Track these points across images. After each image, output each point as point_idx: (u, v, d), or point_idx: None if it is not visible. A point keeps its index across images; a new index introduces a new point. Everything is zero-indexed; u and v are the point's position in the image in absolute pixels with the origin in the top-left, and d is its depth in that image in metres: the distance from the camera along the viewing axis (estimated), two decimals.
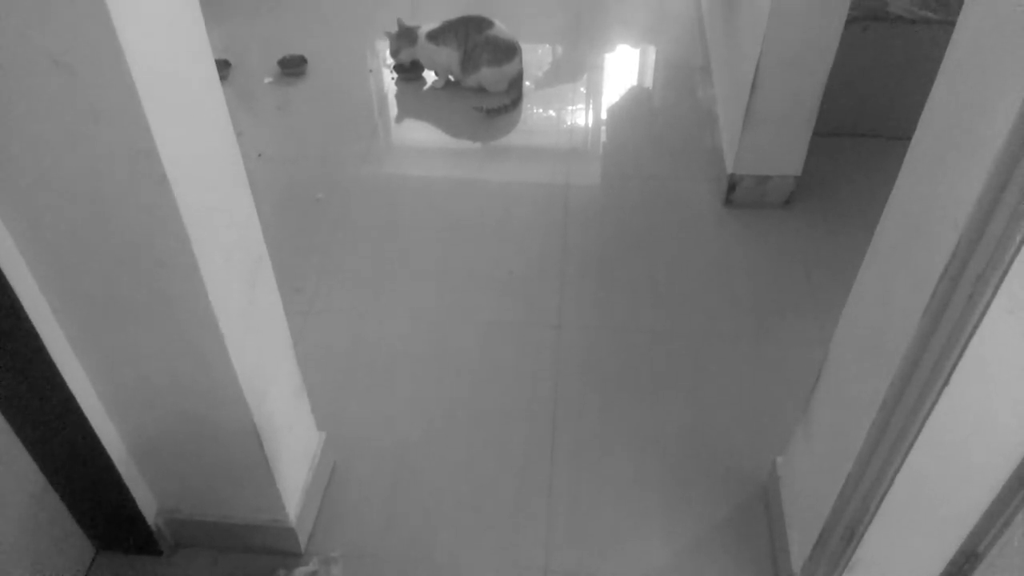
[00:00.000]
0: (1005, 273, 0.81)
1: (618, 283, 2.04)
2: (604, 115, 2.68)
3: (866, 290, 1.13)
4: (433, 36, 2.67)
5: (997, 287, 0.81)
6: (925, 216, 0.94)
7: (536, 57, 2.92)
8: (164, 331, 1.10)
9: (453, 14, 2.69)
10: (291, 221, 2.22)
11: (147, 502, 1.42)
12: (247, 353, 1.17)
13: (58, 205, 0.96)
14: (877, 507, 1.09)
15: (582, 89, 2.80)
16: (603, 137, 2.58)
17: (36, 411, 1.22)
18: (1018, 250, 0.80)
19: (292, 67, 2.76)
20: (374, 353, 1.87)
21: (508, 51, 2.65)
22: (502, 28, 2.66)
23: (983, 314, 0.84)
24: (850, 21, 2.09)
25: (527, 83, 2.76)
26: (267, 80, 2.76)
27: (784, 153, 2.11)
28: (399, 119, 2.68)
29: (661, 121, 2.64)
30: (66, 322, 1.12)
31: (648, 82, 2.89)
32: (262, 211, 1.18)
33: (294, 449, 1.45)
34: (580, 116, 2.66)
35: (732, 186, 2.18)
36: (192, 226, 0.96)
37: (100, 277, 1.04)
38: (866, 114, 2.40)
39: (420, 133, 2.62)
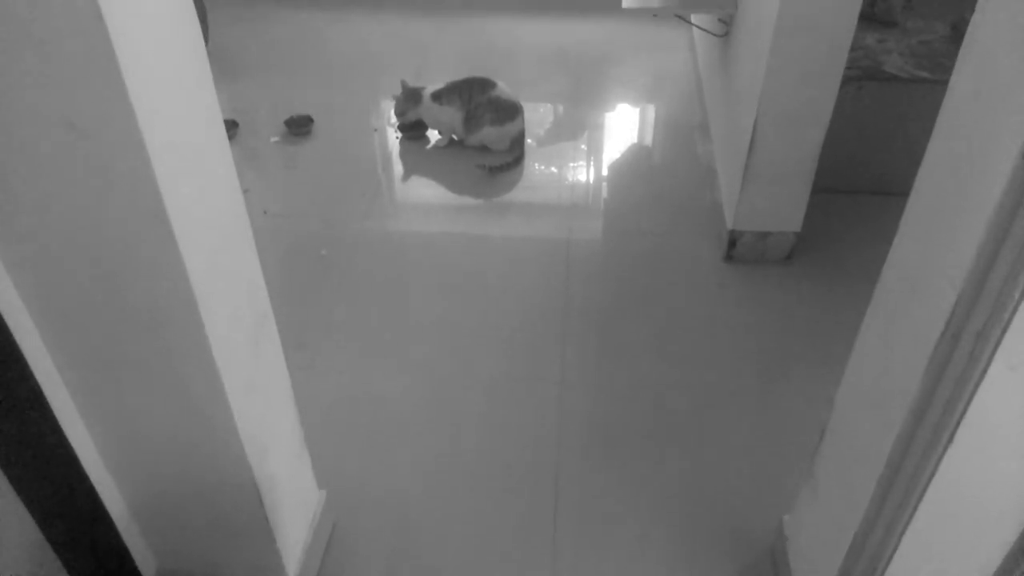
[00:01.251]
0: (1005, 331, 0.81)
1: (621, 339, 2.04)
2: (605, 172, 2.72)
3: (868, 348, 1.13)
4: (437, 96, 2.73)
5: (997, 344, 0.82)
6: (923, 274, 0.95)
7: (538, 116, 2.97)
8: (167, 388, 1.10)
9: (457, 76, 2.76)
10: (295, 277, 2.24)
11: (146, 560, 1.40)
12: (249, 411, 1.17)
13: (66, 263, 0.98)
14: (885, 566, 1.08)
15: (583, 146, 2.84)
16: (604, 193, 2.61)
17: (36, 466, 1.21)
18: (1016, 308, 0.81)
19: (299, 127, 2.82)
20: (376, 409, 1.87)
21: (510, 111, 2.70)
22: (505, 89, 2.72)
23: (984, 371, 0.84)
24: (846, 81, 2.14)
25: (529, 141, 2.81)
26: (274, 139, 2.81)
27: (783, 210, 2.13)
28: (403, 177, 2.72)
29: (661, 178, 2.67)
30: (70, 378, 1.13)
31: (648, 140, 2.94)
32: (267, 267, 1.20)
33: (295, 508, 1.44)
34: (581, 173, 2.70)
35: (732, 242, 2.20)
36: (198, 285, 0.97)
37: (105, 334, 1.05)
38: (864, 171, 2.43)
39: (423, 190, 2.66)
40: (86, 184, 0.89)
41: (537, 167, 2.73)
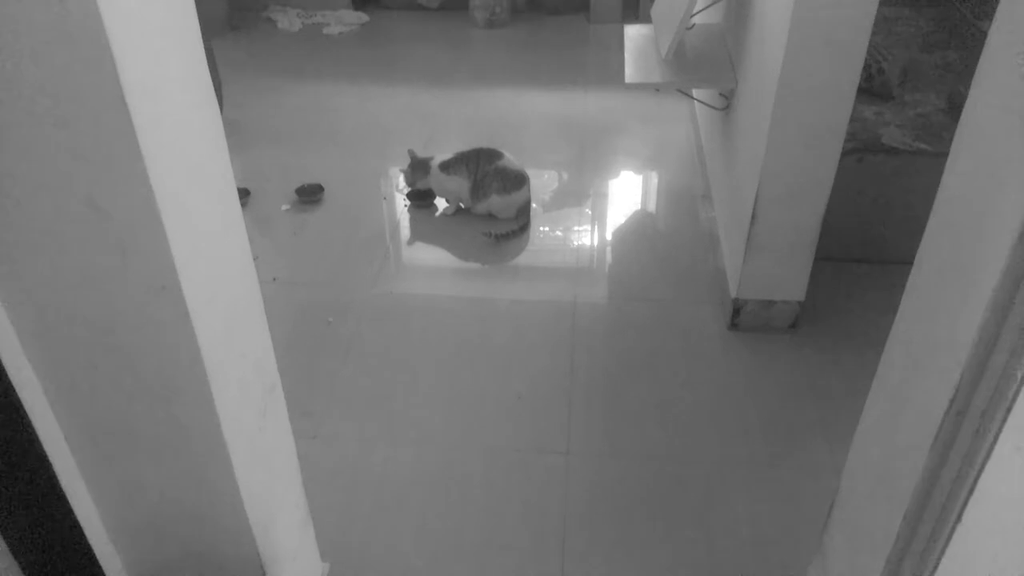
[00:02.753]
0: (1010, 409, 0.82)
1: (627, 407, 2.04)
2: (609, 237, 2.75)
3: (873, 422, 1.13)
4: (445, 167, 2.79)
5: (1003, 422, 0.82)
6: (927, 350, 0.96)
7: (543, 182, 3.03)
8: (174, 459, 1.11)
9: (464, 146, 2.82)
10: (302, 344, 2.25)
11: None
12: (255, 482, 1.17)
13: (78, 334, 0.99)
14: None
15: (587, 211, 2.89)
16: (609, 258, 2.64)
17: (37, 532, 1.20)
18: (1021, 386, 0.81)
19: (309, 195, 2.87)
20: (380, 479, 1.86)
21: (517, 180, 2.75)
22: (511, 159, 2.78)
23: (991, 450, 0.84)
24: (846, 153, 2.18)
25: (534, 206, 2.86)
26: (284, 207, 2.86)
27: (787, 278, 2.15)
28: (411, 244, 2.76)
29: (665, 244, 2.70)
30: (77, 447, 1.13)
31: (651, 207, 2.99)
32: (274, 334, 1.21)
33: None
34: (586, 238, 2.73)
35: (737, 310, 2.22)
36: (209, 358, 0.99)
37: (114, 404, 1.06)
38: (867, 240, 2.46)
39: (431, 257, 2.69)
40: (103, 259, 0.91)
41: (543, 232, 2.76)
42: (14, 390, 1.01)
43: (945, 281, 0.93)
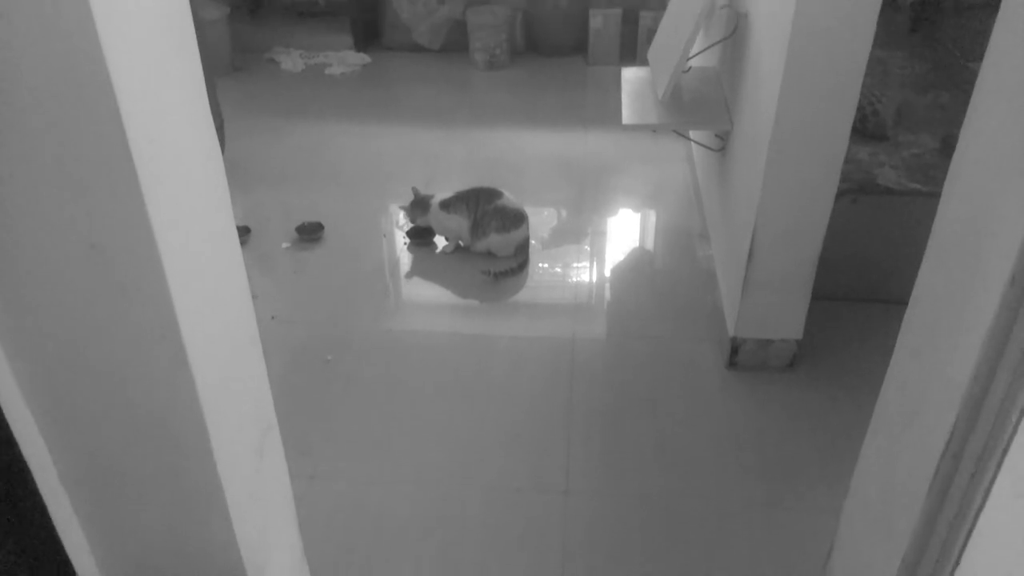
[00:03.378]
0: (1006, 451, 0.82)
1: (625, 446, 2.03)
2: (607, 275, 2.76)
3: (871, 463, 1.13)
4: (445, 205, 2.81)
5: (999, 465, 0.82)
6: (922, 391, 0.96)
7: (542, 220, 3.05)
8: (169, 500, 1.10)
9: (464, 185, 2.85)
10: (300, 383, 2.25)
11: None
12: (250, 524, 1.16)
13: (76, 377, 0.99)
14: None
15: (586, 247, 2.91)
16: (607, 295, 2.65)
17: (31, 574, 1.19)
18: (1016, 429, 0.81)
19: (309, 233, 2.89)
20: (377, 519, 1.84)
21: (516, 219, 2.78)
22: (510, 198, 2.80)
23: (988, 493, 0.84)
24: (841, 193, 2.20)
25: (533, 242, 2.87)
26: (284, 245, 2.88)
27: (784, 317, 2.16)
28: (410, 282, 2.77)
29: (663, 282, 2.72)
30: (72, 487, 1.12)
31: (649, 245, 3.00)
32: (272, 373, 1.21)
33: None
34: (584, 276, 2.75)
35: (735, 349, 2.22)
36: (206, 400, 0.99)
37: (111, 446, 1.06)
38: (863, 279, 2.47)
39: (430, 295, 2.70)
40: (102, 301, 0.92)
41: (541, 269, 2.78)
42: (10, 429, 1.02)
43: (939, 322, 0.93)
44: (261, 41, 4.50)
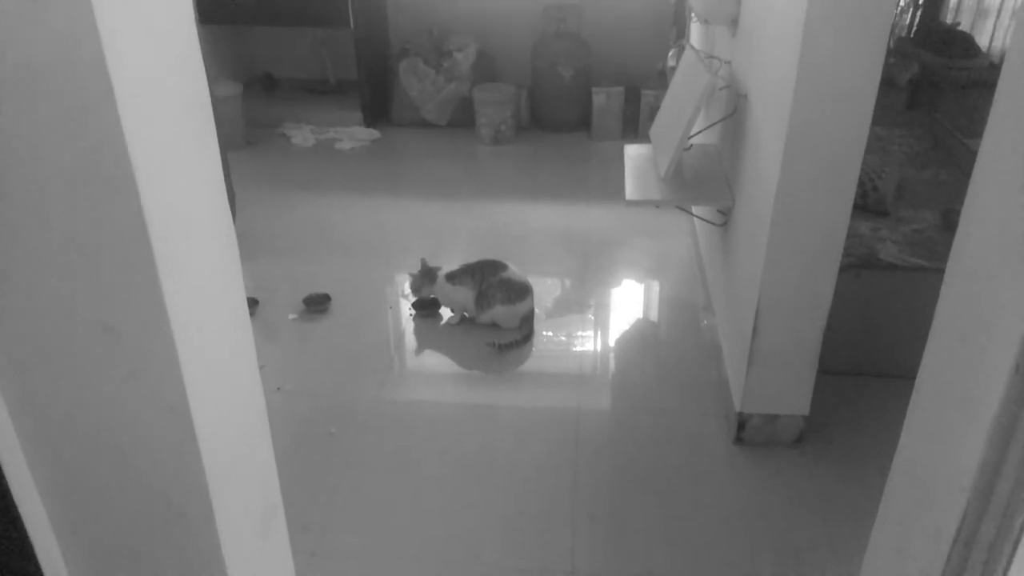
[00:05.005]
0: (1018, 541, 0.81)
1: (632, 524, 1.99)
2: (612, 346, 2.76)
3: (881, 549, 1.11)
4: (451, 277, 2.84)
5: (1012, 556, 0.81)
6: (931, 477, 0.95)
7: (547, 290, 3.07)
8: None
9: (470, 257, 2.89)
10: (303, 456, 2.23)
11: None
12: None
13: (83, 453, 0.99)
14: None
15: (590, 316, 2.92)
16: (612, 367, 2.65)
17: None
18: None
19: (316, 304, 2.92)
20: None
21: (521, 291, 2.80)
22: (515, 271, 2.83)
23: None
24: (844, 268, 2.22)
25: (537, 311, 2.89)
26: (292, 317, 2.90)
27: (790, 393, 2.15)
28: (415, 353, 2.77)
29: (667, 355, 2.72)
30: (73, 564, 1.11)
31: (653, 316, 3.02)
32: (276, 445, 1.21)
33: None
34: (589, 349, 2.75)
35: (741, 424, 2.20)
36: (213, 479, 0.99)
37: (115, 524, 1.05)
38: (869, 354, 2.47)
39: (435, 366, 2.70)
40: (113, 380, 0.93)
41: (546, 340, 2.78)
42: (14, 503, 1.01)
43: (945, 407, 0.93)
44: (273, 116, 4.63)
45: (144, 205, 0.81)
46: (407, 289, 2.97)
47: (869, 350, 2.47)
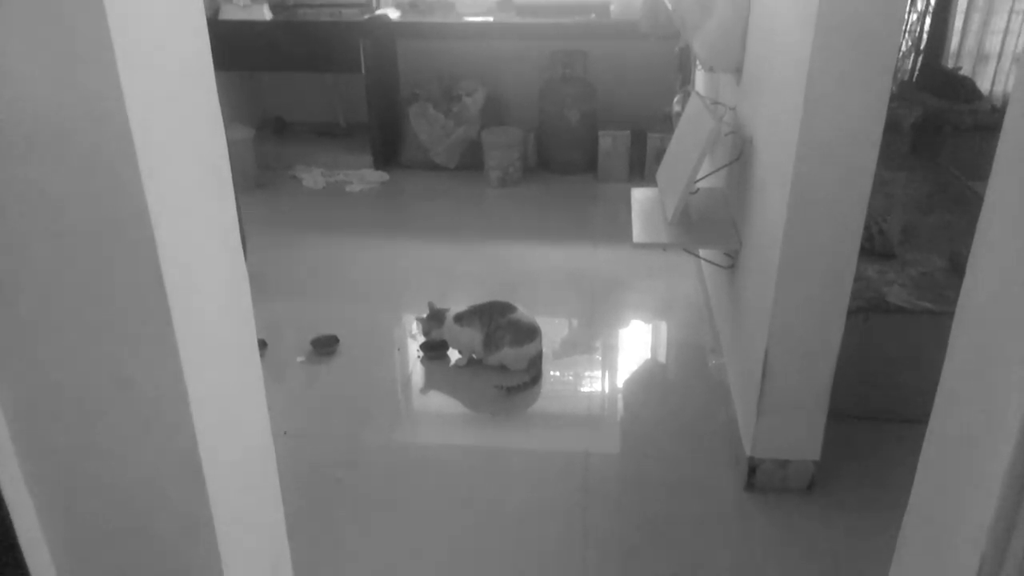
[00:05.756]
0: None
1: (643, 574, 1.97)
2: (620, 389, 2.76)
3: None
4: (459, 318, 2.85)
5: None
6: (945, 532, 0.94)
7: (554, 331, 3.08)
8: None
9: (478, 298, 2.90)
10: (309, 504, 2.22)
11: None
12: None
13: (92, 502, 1.00)
14: None
15: (598, 361, 2.91)
16: (620, 411, 2.64)
17: None
18: None
19: (324, 347, 2.92)
20: None
21: (529, 333, 2.80)
22: (524, 312, 2.84)
23: None
24: (852, 312, 2.22)
25: (544, 349, 2.88)
26: (299, 359, 2.91)
27: (801, 438, 2.13)
28: (423, 395, 2.77)
29: (676, 398, 2.70)
30: None
31: (661, 359, 3.01)
32: (282, 492, 1.21)
33: None
34: (597, 391, 2.74)
35: (752, 469, 2.18)
36: (222, 529, 0.99)
37: (122, 574, 1.04)
38: (879, 398, 2.45)
39: (442, 408, 2.70)
40: (124, 431, 0.94)
41: (553, 381, 2.78)
42: (21, 552, 1.01)
43: (958, 459, 0.93)
44: (284, 159, 4.69)
45: (162, 260, 0.82)
46: (415, 329, 2.98)
47: (879, 394, 2.45)
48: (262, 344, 2.93)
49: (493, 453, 2.43)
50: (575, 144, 4.53)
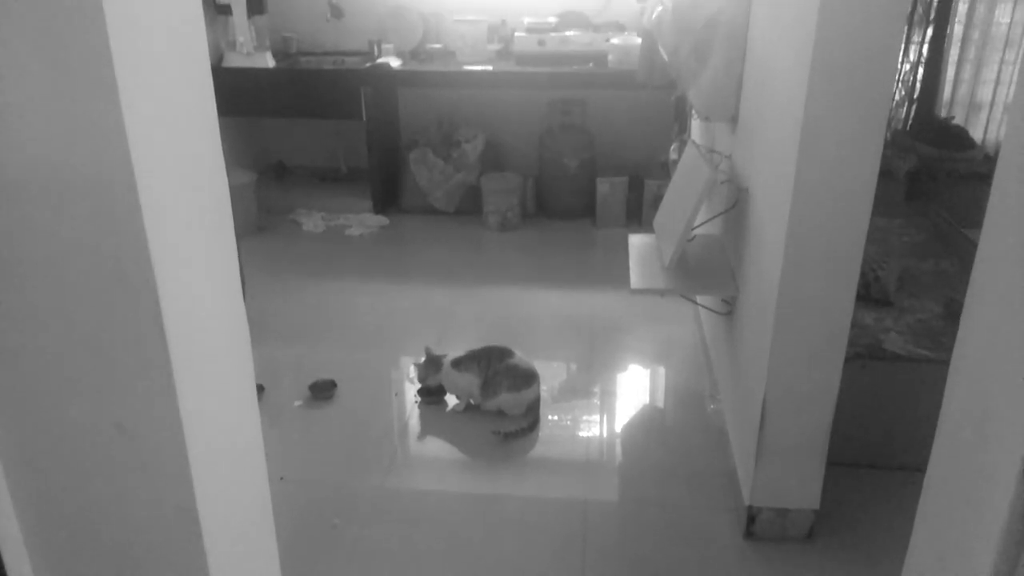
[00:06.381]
0: None
1: None
2: (618, 435, 2.74)
3: None
4: (457, 363, 2.85)
5: None
6: None
7: (552, 374, 3.07)
8: None
9: (476, 342, 2.90)
10: (305, 551, 2.19)
11: None
12: None
13: (88, 549, 0.99)
14: None
15: (596, 406, 2.90)
16: (619, 457, 2.62)
17: None
18: None
19: (322, 391, 2.92)
20: None
21: (527, 378, 2.80)
22: (522, 357, 2.84)
23: None
24: (850, 359, 2.22)
25: (544, 388, 2.87)
26: (297, 403, 2.90)
27: (800, 486, 2.12)
28: (421, 441, 2.75)
29: (675, 443, 2.69)
30: None
31: (659, 404, 3.00)
32: (278, 539, 1.20)
33: None
34: (595, 437, 2.73)
35: (751, 518, 2.17)
36: None
37: None
38: (878, 445, 2.44)
39: (440, 454, 2.68)
40: (122, 478, 0.93)
41: (551, 425, 2.77)
42: None
43: (955, 511, 0.93)
44: (285, 203, 4.73)
45: (163, 309, 0.83)
46: (412, 374, 2.98)
47: (878, 442, 2.44)
48: (260, 388, 2.92)
49: (490, 500, 2.41)
50: (573, 190, 4.58)
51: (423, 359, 2.89)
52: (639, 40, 3.74)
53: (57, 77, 0.78)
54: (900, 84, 3.99)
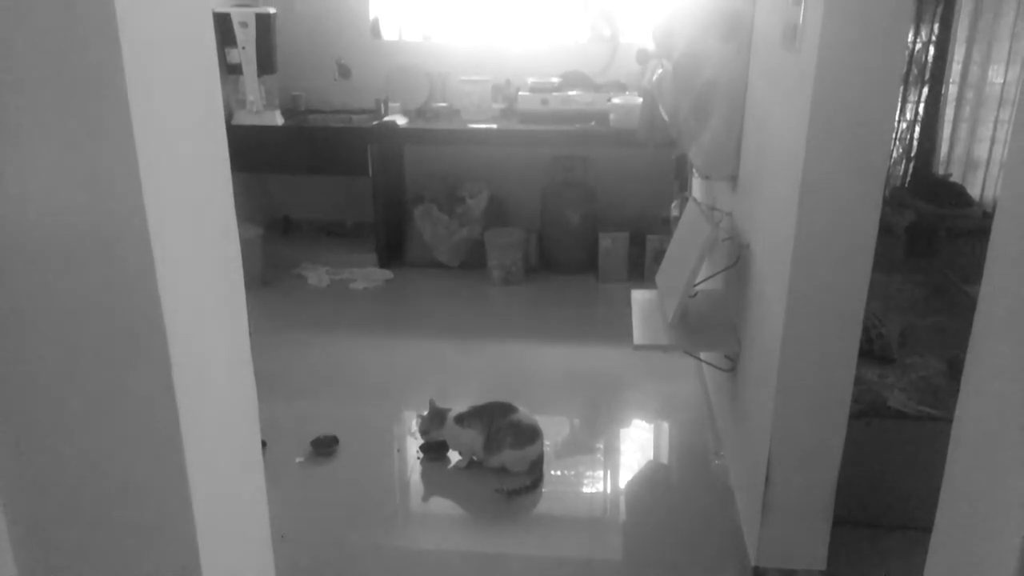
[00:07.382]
0: None
1: None
2: (622, 492, 2.72)
3: None
4: (460, 419, 2.84)
5: None
6: None
7: (556, 429, 3.05)
8: None
9: (479, 397, 2.89)
10: None
11: None
12: None
13: None
14: None
15: (599, 462, 2.88)
16: (622, 515, 2.59)
17: None
18: None
19: (324, 447, 2.90)
20: None
21: (530, 435, 2.78)
22: (525, 413, 2.83)
23: None
24: (854, 416, 2.21)
25: (547, 442, 2.85)
26: (299, 460, 2.88)
27: (806, 545, 2.09)
28: (422, 499, 2.73)
29: (679, 500, 2.66)
30: None
31: (663, 460, 2.98)
32: None
33: None
34: (599, 494, 2.70)
35: None
36: None
37: None
38: (884, 504, 2.41)
39: (442, 512, 2.65)
40: (126, 539, 0.93)
41: (555, 480, 2.74)
42: None
43: (960, 574, 0.92)
44: (290, 257, 4.77)
45: (174, 367, 0.84)
46: (415, 426, 2.96)
47: (885, 501, 2.41)
48: (262, 444, 2.90)
49: (493, 559, 2.37)
50: (576, 245, 4.62)
51: (427, 411, 2.88)
52: (640, 100, 3.82)
53: (76, 134, 0.80)
54: (897, 142, 4.05)
